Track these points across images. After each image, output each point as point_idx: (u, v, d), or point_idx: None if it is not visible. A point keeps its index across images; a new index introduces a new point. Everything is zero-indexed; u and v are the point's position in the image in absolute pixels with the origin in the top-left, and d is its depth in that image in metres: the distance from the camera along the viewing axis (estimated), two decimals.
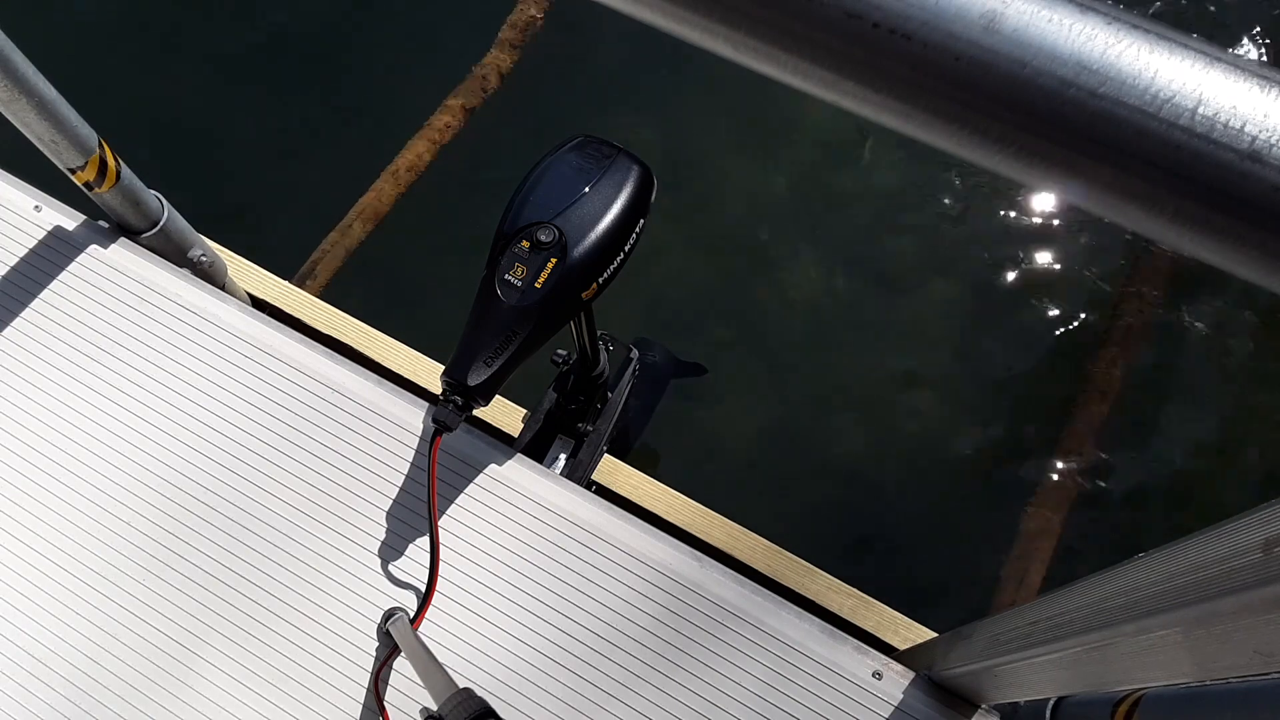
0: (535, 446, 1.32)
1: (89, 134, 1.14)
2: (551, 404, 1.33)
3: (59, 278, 1.26)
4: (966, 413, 2.11)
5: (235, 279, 1.43)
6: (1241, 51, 2.43)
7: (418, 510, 1.13)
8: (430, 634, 1.07)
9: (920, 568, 1.98)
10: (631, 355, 1.47)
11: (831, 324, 2.21)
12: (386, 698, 1.05)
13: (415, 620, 1.06)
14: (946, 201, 2.33)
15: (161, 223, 1.28)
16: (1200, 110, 0.30)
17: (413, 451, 1.16)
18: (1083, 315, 2.20)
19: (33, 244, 1.28)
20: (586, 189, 0.97)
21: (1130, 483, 2.05)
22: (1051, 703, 0.98)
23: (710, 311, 2.24)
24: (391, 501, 1.14)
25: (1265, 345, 2.16)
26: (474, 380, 0.96)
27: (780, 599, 1.09)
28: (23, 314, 1.24)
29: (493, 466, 1.15)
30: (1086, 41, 0.31)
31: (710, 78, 2.45)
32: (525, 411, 1.38)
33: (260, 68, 2.50)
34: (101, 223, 1.30)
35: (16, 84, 1.03)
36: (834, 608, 1.21)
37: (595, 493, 1.17)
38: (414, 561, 1.11)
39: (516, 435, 1.34)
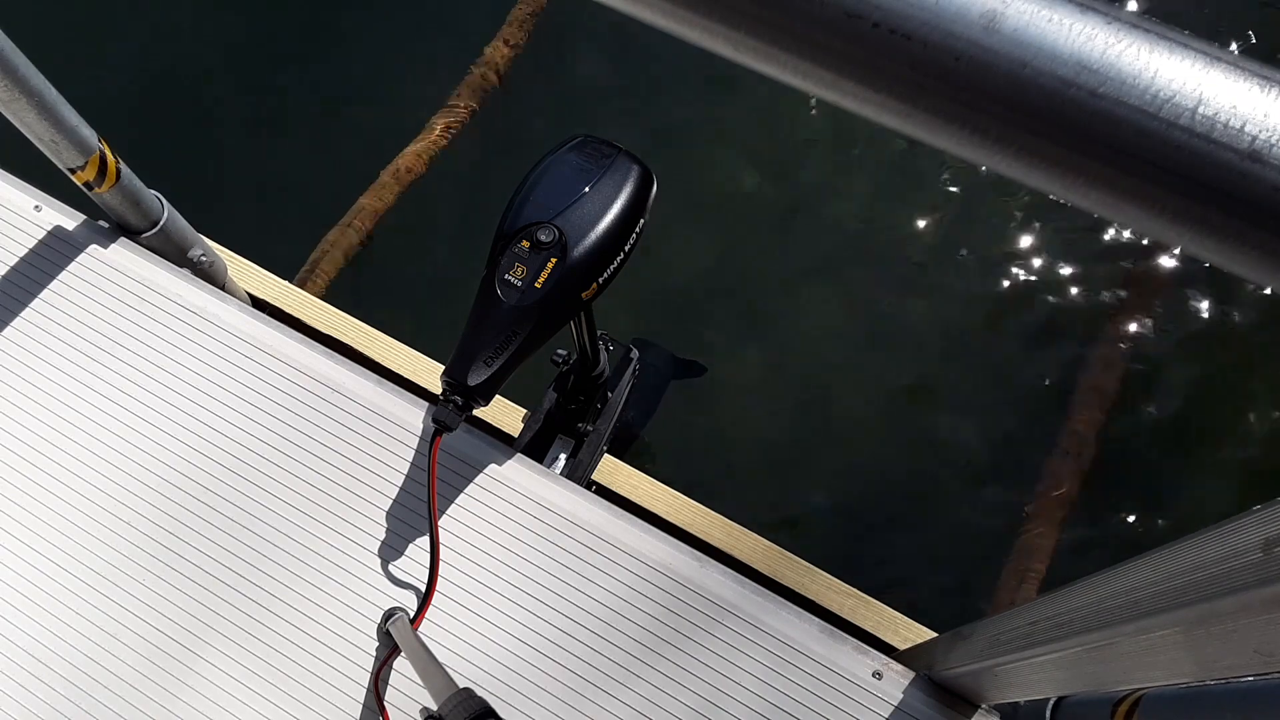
0: (535, 446, 1.32)
1: (89, 134, 1.14)
2: (551, 404, 1.33)
3: (59, 278, 1.26)
4: (966, 412, 2.11)
5: (235, 279, 1.43)
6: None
7: (418, 510, 1.13)
8: (430, 634, 1.07)
9: (920, 568, 1.98)
10: (631, 355, 1.47)
11: (831, 323, 2.21)
12: (386, 698, 1.05)
13: (415, 620, 1.06)
14: (948, 201, 2.33)
15: (161, 222, 1.28)
16: (1200, 110, 0.30)
17: (413, 451, 1.16)
18: (1084, 315, 2.20)
19: (33, 244, 1.28)
20: (586, 189, 0.97)
21: (1131, 482, 2.05)
22: (1051, 703, 0.98)
23: (710, 310, 2.24)
24: (391, 501, 1.14)
25: (1269, 343, 2.16)
26: (474, 380, 0.96)
27: (780, 598, 1.09)
28: (23, 314, 1.24)
29: (493, 466, 1.15)
30: (1086, 41, 0.31)
31: (711, 77, 2.45)
32: (525, 411, 1.38)
33: (261, 68, 2.50)
34: (101, 223, 1.30)
35: (16, 84, 1.03)
36: (834, 607, 1.21)
37: (595, 493, 1.17)
38: (414, 561, 1.11)
39: (516, 435, 1.34)
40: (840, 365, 2.17)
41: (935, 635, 1.15)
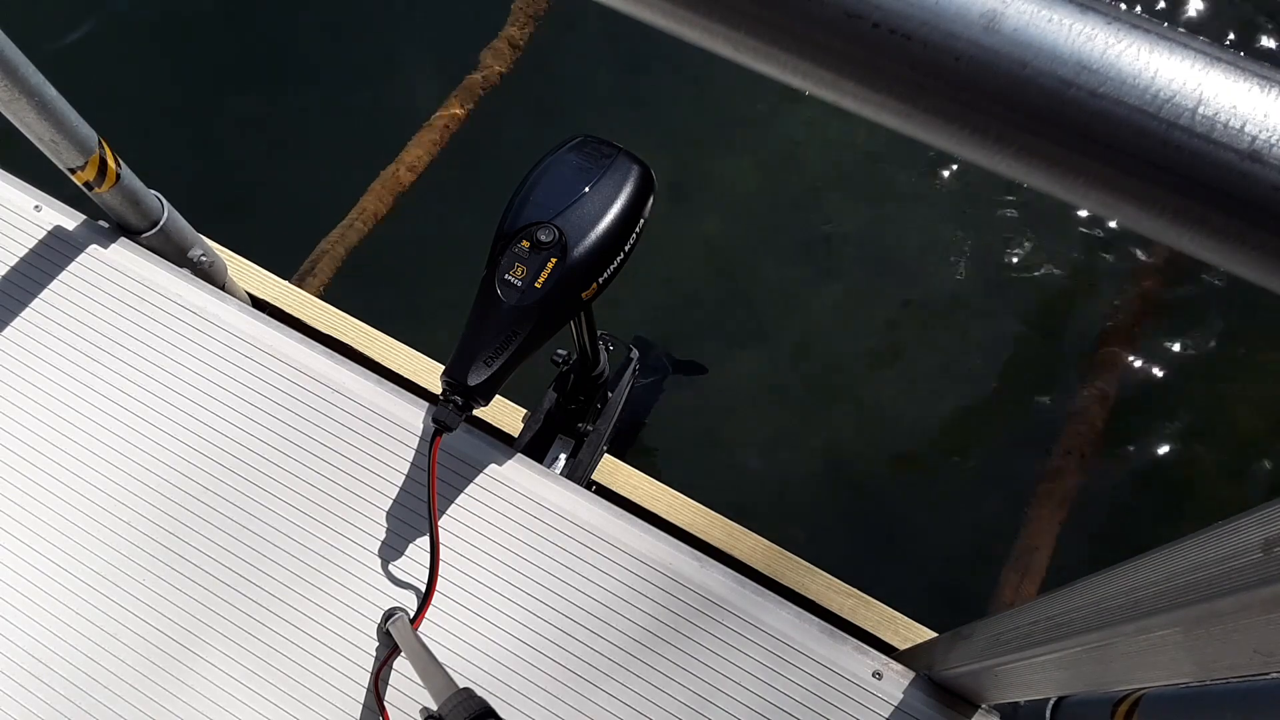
0: (535, 446, 1.32)
1: (89, 134, 1.14)
2: (551, 404, 1.33)
3: (59, 278, 1.26)
4: (966, 412, 2.11)
5: (235, 279, 1.43)
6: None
7: (418, 510, 1.13)
8: (430, 634, 1.07)
9: (920, 567, 1.98)
10: (631, 355, 1.47)
11: (831, 322, 2.21)
12: (386, 698, 1.05)
13: (415, 620, 1.06)
14: (949, 197, 2.33)
15: (161, 222, 1.28)
16: (1200, 110, 0.30)
17: (413, 451, 1.16)
18: (1085, 314, 2.20)
19: (33, 244, 1.28)
20: (586, 189, 0.97)
21: (1131, 482, 2.05)
22: (1051, 703, 0.98)
23: (710, 310, 2.24)
24: (391, 501, 1.14)
25: (1269, 345, 2.16)
26: (474, 380, 0.96)
27: (780, 598, 1.09)
28: (23, 314, 1.24)
29: (493, 466, 1.15)
30: (1086, 41, 0.31)
31: (711, 77, 2.45)
32: (525, 411, 1.38)
33: (261, 68, 2.50)
34: (101, 223, 1.30)
35: (16, 84, 1.03)
36: (834, 607, 1.21)
37: (595, 493, 1.17)
38: (414, 561, 1.11)
39: (516, 435, 1.34)
40: (841, 365, 2.17)
41: (935, 635, 1.15)
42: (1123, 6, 0.34)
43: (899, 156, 2.37)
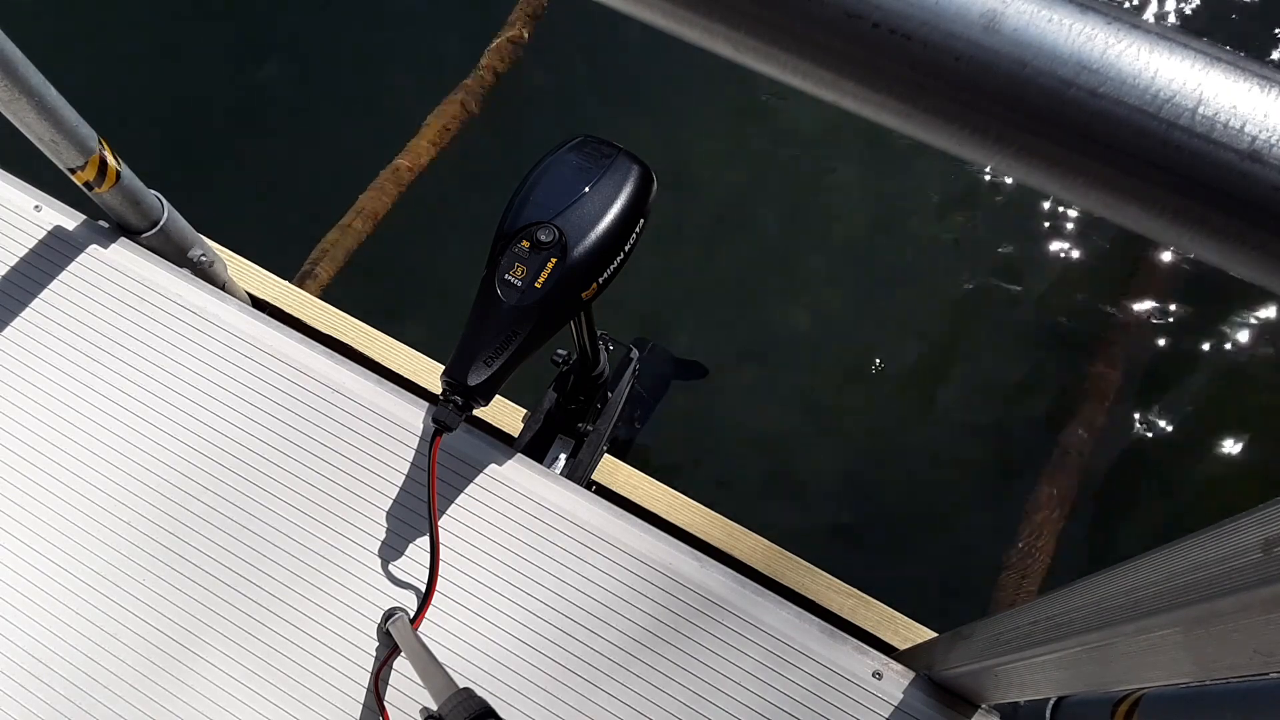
0: (535, 446, 1.32)
1: (89, 134, 1.14)
2: (551, 404, 1.33)
3: (59, 278, 1.26)
4: (967, 412, 2.11)
5: (235, 279, 1.43)
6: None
7: (418, 510, 1.13)
8: (430, 634, 1.07)
9: (920, 568, 1.98)
10: (631, 355, 1.47)
11: (831, 323, 2.21)
12: (386, 698, 1.05)
13: (415, 620, 1.06)
14: (948, 200, 2.33)
15: (161, 222, 1.28)
16: (1200, 110, 0.30)
17: (413, 451, 1.16)
18: (1084, 314, 2.20)
19: (33, 244, 1.28)
20: (586, 189, 0.97)
21: (1130, 482, 2.05)
22: (1051, 703, 0.98)
23: (710, 311, 2.24)
24: (391, 501, 1.14)
25: (1269, 346, 2.16)
26: (474, 380, 0.96)
27: (780, 598, 1.09)
28: (23, 314, 1.24)
29: (493, 466, 1.15)
30: (1086, 41, 0.31)
31: (711, 77, 2.45)
32: (525, 411, 1.38)
33: (261, 67, 2.50)
34: (101, 223, 1.30)
35: (16, 84, 1.03)
36: (834, 607, 1.21)
37: (595, 493, 1.17)
38: (414, 561, 1.11)
39: (516, 435, 1.34)
40: (842, 366, 2.17)
41: (935, 635, 1.15)
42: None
43: (902, 156, 2.37)
